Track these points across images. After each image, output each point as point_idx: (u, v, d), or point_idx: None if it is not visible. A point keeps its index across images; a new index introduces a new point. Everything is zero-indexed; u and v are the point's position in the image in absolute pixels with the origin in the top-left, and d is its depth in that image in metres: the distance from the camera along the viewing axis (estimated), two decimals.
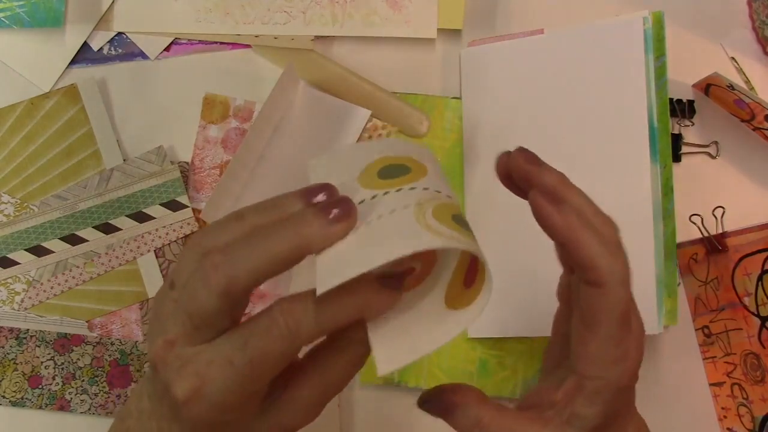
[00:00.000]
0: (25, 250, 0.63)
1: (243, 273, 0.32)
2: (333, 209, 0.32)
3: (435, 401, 0.36)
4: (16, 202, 0.64)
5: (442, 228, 0.32)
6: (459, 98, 0.65)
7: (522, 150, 0.38)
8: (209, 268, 0.32)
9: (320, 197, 0.33)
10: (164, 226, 0.63)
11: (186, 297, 0.33)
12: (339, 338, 0.35)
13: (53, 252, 0.63)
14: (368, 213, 0.33)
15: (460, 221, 0.34)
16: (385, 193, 0.34)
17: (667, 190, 0.58)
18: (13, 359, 0.61)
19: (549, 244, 0.38)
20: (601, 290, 0.35)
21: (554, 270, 0.42)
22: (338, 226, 0.32)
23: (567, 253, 0.36)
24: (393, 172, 0.36)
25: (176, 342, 0.33)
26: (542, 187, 0.37)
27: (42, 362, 0.61)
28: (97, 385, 0.61)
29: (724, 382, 0.60)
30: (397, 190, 0.34)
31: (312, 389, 0.35)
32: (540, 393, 0.39)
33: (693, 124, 0.64)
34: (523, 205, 0.65)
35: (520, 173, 0.37)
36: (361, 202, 0.34)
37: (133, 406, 0.38)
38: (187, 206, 0.63)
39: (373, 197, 0.34)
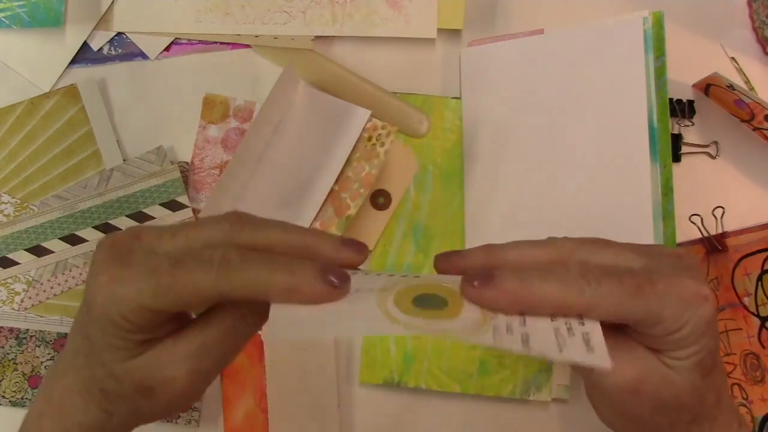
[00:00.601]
0: (25, 250, 0.63)
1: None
2: (332, 275, 0.34)
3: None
4: (16, 202, 0.64)
5: (399, 315, 0.34)
6: (459, 98, 0.65)
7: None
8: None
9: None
10: None
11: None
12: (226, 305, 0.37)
13: (53, 252, 0.63)
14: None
15: (422, 302, 0.35)
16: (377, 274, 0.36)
17: (667, 190, 0.58)
18: (13, 359, 0.61)
19: None
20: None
21: None
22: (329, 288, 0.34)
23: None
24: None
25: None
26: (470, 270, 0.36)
27: (42, 362, 0.61)
28: None
29: None
30: (377, 274, 0.36)
31: (190, 341, 0.36)
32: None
33: (693, 124, 0.64)
34: (522, 206, 0.65)
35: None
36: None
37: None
38: (187, 206, 0.63)
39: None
